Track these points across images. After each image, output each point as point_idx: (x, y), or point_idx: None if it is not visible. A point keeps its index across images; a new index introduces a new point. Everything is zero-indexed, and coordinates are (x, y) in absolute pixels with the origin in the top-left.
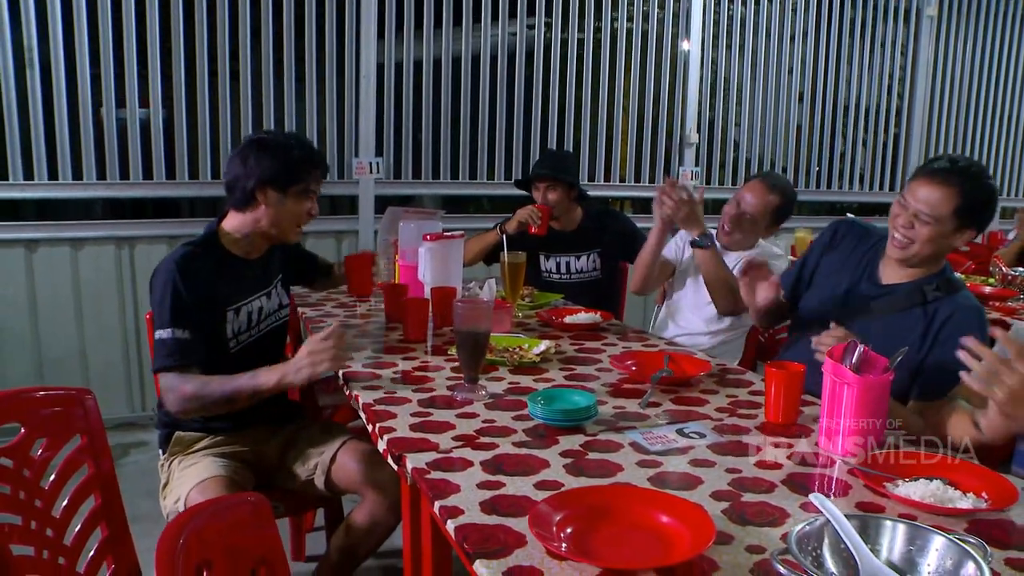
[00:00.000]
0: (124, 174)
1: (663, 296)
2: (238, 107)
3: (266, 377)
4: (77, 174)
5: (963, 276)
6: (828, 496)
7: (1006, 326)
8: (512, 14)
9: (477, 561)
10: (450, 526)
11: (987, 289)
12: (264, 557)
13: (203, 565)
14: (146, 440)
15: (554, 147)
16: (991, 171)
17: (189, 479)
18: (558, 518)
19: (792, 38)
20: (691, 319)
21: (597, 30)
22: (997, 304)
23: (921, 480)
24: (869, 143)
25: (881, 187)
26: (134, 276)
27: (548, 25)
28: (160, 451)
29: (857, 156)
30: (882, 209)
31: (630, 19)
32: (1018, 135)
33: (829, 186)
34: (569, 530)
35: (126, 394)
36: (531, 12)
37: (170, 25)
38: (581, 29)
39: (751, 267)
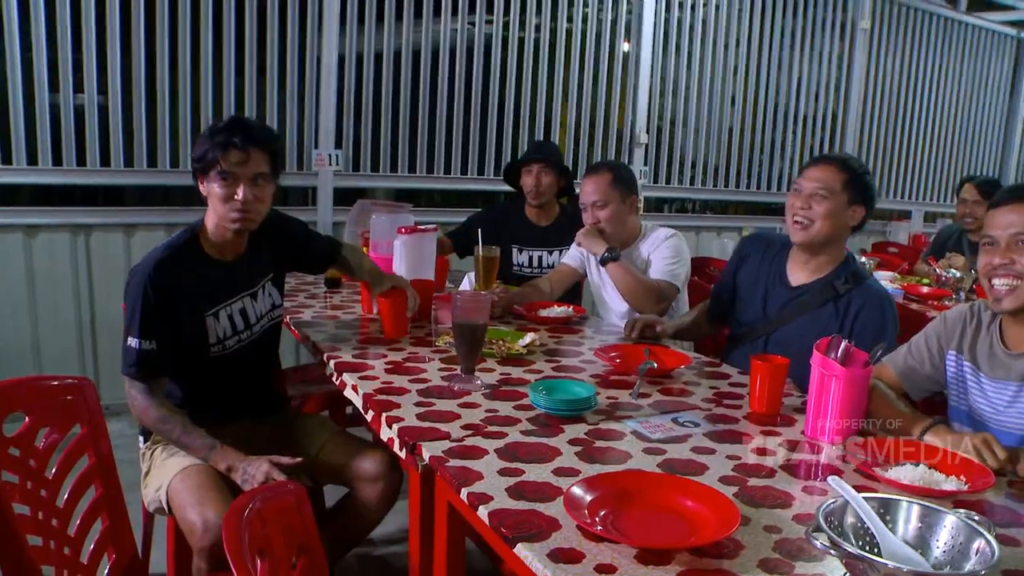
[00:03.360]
0: (81, 160)
1: None
2: (198, 96)
3: (220, 457)
4: (32, 159)
5: (899, 276)
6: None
7: None
8: (471, 9)
9: (519, 545)
10: (482, 512)
11: (924, 289)
12: (304, 545)
13: (264, 547)
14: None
15: (508, 144)
16: (918, 175)
17: (171, 467)
18: (589, 501)
19: (737, 43)
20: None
21: (553, 31)
22: (935, 304)
23: (908, 465)
24: (807, 147)
25: None
26: (89, 264)
27: (506, 24)
28: (141, 440)
29: (795, 160)
30: None
31: (584, 21)
32: (944, 142)
33: (769, 187)
34: (602, 513)
35: None
36: (490, 9)
37: (130, 12)
38: (538, 29)
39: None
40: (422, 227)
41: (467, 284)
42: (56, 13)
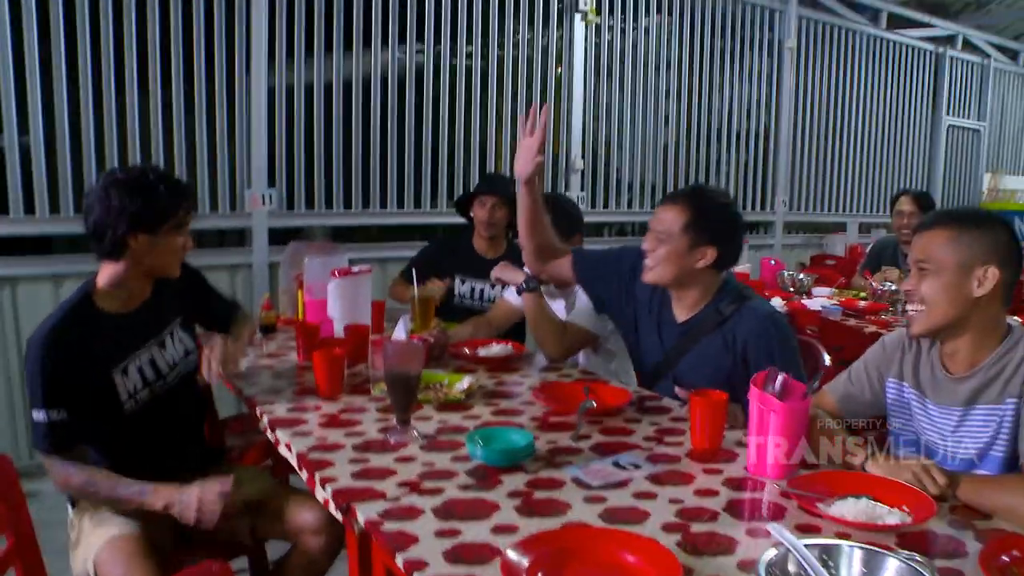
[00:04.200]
0: (3, 208)
1: None
2: (124, 137)
3: (154, 498)
4: None
5: (837, 291)
6: (779, 523)
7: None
8: (402, 39)
9: None
10: None
11: (862, 304)
12: None
13: None
14: (37, 490)
15: (444, 175)
16: (851, 187)
17: (99, 537)
18: (527, 566)
19: (668, 65)
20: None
21: (484, 58)
22: (872, 318)
23: (850, 499)
24: (742, 163)
25: (754, 207)
26: (16, 318)
27: (437, 53)
28: (69, 506)
29: (731, 177)
30: (753, 227)
31: (516, 47)
32: (873, 154)
33: None
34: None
35: (11, 442)
36: (420, 38)
37: (50, 47)
38: (469, 56)
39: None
40: (356, 269)
41: (402, 327)
42: None
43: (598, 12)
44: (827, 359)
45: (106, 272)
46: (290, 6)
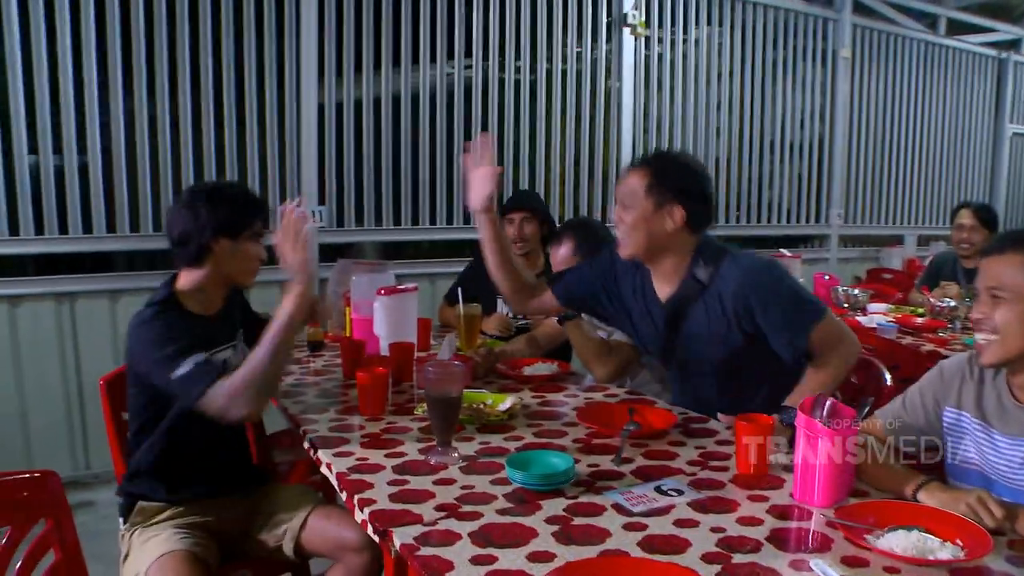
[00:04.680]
0: (63, 228)
1: None
2: (178, 157)
3: (286, 307)
4: (13, 229)
5: (893, 307)
6: (824, 556)
7: (942, 355)
8: (450, 55)
9: None
10: None
11: (918, 321)
12: None
13: None
14: (92, 500)
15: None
16: (909, 199)
17: (149, 552)
18: None
19: (719, 76)
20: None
21: (532, 72)
22: (929, 336)
23: (900, 531)
24: (795, 175)
25: (808, 220)
26: (75, 332)
27: (486, 68)
28: (121, 520)
29: (784, 189)
30: (807, 240)
31: (564, 61)
32: (933, 165)
33: (758, 220)
34: None
35: (69, 452)
36: (468, 53)
37: (107, 69)
38: (518, 71)
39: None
40: (402, 287)
41: (448, 346)
42: (33, 68)
43: (647, 25)
44: (888, 378)
45: (186, 277)
46: (339, 23)
